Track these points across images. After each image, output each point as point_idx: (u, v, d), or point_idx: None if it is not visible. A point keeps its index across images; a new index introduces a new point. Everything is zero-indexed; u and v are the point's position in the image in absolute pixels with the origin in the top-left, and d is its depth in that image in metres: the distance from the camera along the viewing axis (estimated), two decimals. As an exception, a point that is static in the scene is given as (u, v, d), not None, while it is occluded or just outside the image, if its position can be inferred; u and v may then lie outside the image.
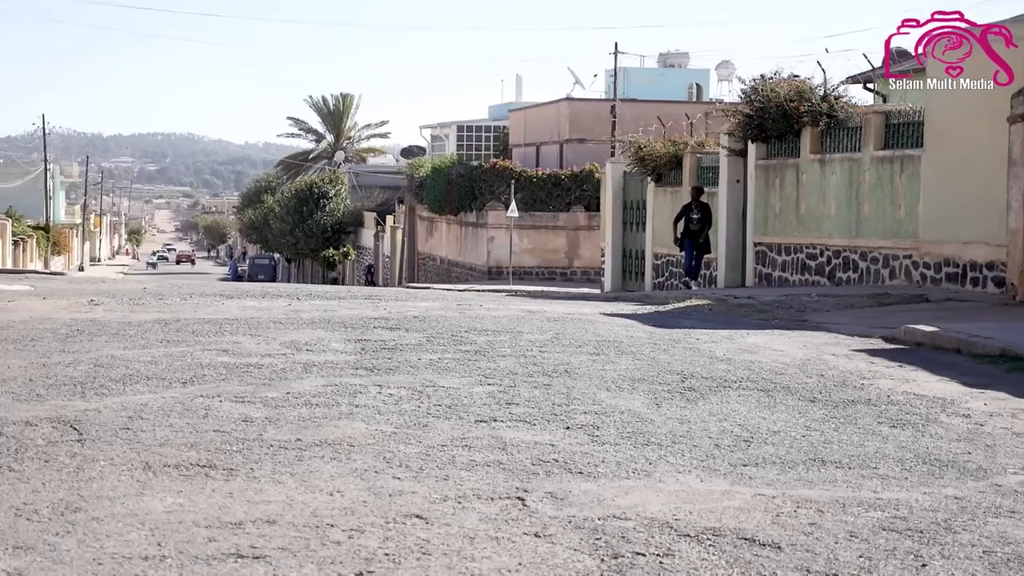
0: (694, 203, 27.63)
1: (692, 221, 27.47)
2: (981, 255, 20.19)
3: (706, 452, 7.90)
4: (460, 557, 5.60)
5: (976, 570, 5.64)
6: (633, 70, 63.14)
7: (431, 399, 9.48)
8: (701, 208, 27.56)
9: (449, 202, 49.94)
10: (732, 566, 5.59)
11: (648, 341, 13.52)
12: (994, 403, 10.06)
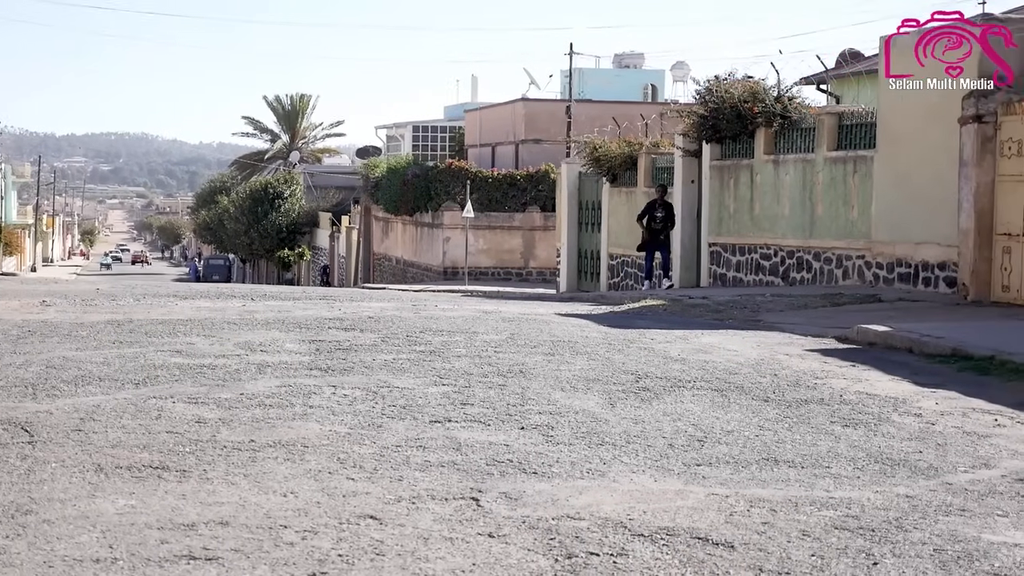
0: (659, 201, 27.59)
1: (655, 220, 27.34)
2: (933, 255, 20.34)
3: (660, 452, 7.92)
4: (414, 557, 5.60)
5: (927, 568, 5.68)
6: (588, 71, 63.24)
7: (386, 400, 9.47)
8: (665, 207, 27.52)
9: (405, 202, 49.86)
10: (685, 565, 5.61)
11: (603, 341, 13.55)
12: (945, 402, 10.14)
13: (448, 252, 46.61)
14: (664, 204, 27.55)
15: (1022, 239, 17.95)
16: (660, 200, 27.54)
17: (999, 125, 18.45)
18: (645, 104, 52.01)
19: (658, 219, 27.27)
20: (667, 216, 27.44)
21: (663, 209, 27.41)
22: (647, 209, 27.60)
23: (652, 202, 27.74)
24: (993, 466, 7.82)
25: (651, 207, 27.54)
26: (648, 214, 27.45)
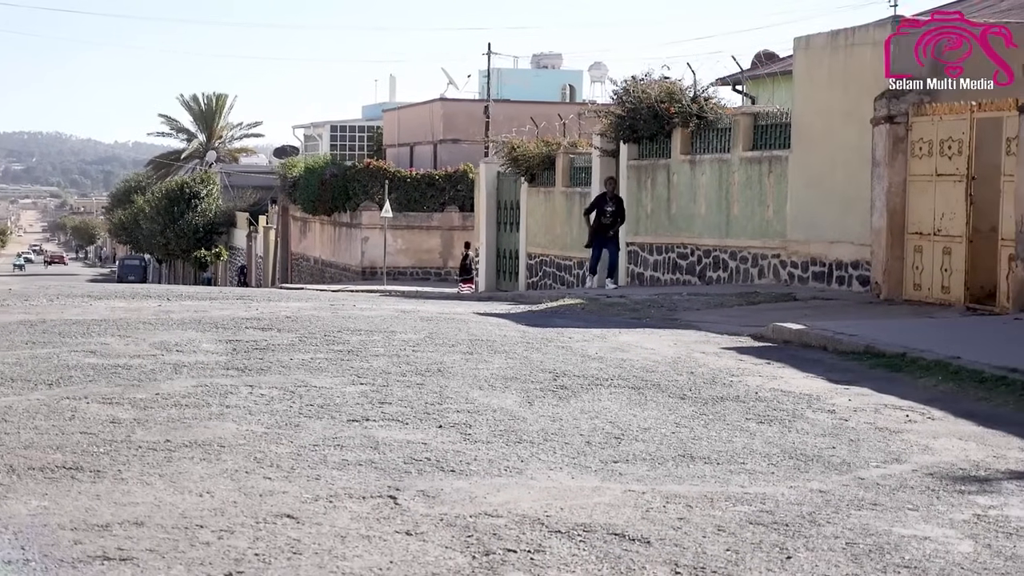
0: (608, 195, 25.99)
1: (605, 214, 25.72)
2: (846, 254, 20.59)
3: (577, 449, 7.96)
4: (331, 556, 5.59)
5: (839, 561, 5.76)
6: (507, 71, 63.28)
7: (303, 399, 9.43)
8: (616, 201, 25.98)
9: (323, 202, 49.61)
10: (602, 561, 5.65)
11: (521, 340, 13.58)
12: (858, 399, 10.28)
13: (367, 252, 46.45)
14: (614, 198, 26.04)
15: (933, 238, 18.22)
16: (611, 194, 26.02)
17: (911, 126, 18.72)
18: (563, 104, 52.15)
19: (608, 214, 25.74)
20: (617, 211, 25.84)
21: (613, 203, 25.87)
22: (596, 203, 26.12)
23: (601, 195, 26.25)
24: (904, 461, 7.95)
25: (600, 201, 26.01)
26: (597, 208, 25.98)
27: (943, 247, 18.03)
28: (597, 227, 25.81)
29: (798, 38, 21.97)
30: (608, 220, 25.69)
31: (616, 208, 25.74)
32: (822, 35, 21.31)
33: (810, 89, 21.55)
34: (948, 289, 17.93)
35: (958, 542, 6.13)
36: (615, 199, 25.96)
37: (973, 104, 17.47)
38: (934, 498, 6.97)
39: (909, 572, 5.64)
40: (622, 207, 25.99)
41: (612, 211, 25.68)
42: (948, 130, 17.97)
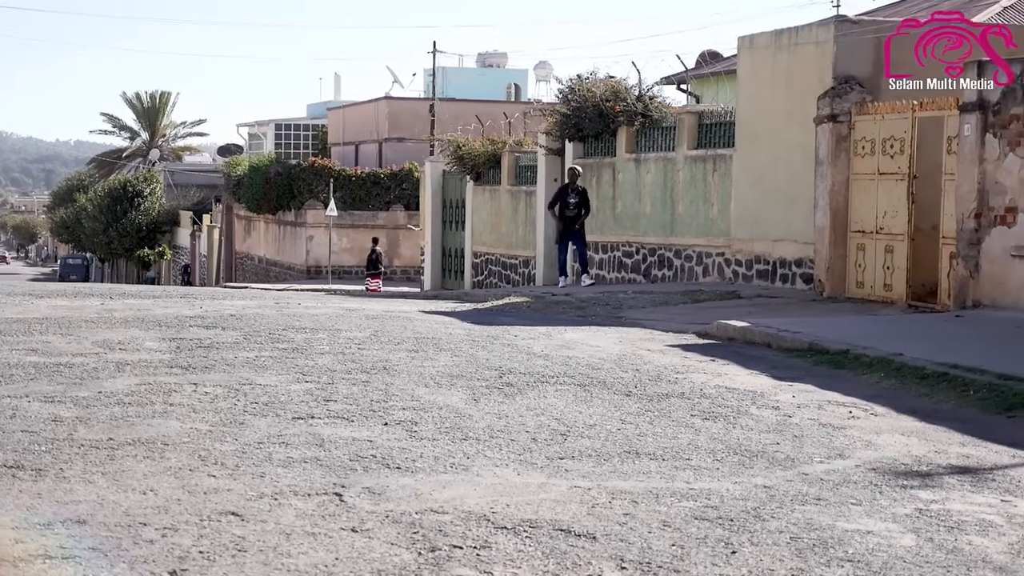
0: (570, 187, 24.72)
1: (568, 207, 24.57)
2: (790, 252, 20.71)
3: (523, 446, 7.96)
4: (276, 553, 5.56)
5: (784, 556, 5.80)
6: (452, 70, 63.21)
7: (248, 397, 9.39)
8: (578, 192, 24.72)
9: (267, 201, 49.36)
10: (548, 557, 5.66)
11: (467, 338, 13.58)
12: (802, 395, 10.34)
13: (311, 251, 46.27)
14: (577, 189, 24.77)
15: (876, 236, 18.37)
16: (572, 185, 24.73)
17: (853, 125, 18.86)
18: (508, 103, 52.15)
19: (571, 206, 24.53)
20: (581, 202, 24.63)
21: (576, 195, 24.64)
22: (558, 196, 24.98)
23: (563, 188, 25.08)
24: (848, 456, 8.01)
25: (562, 193, 24.88)
26: (559, 201, 24.78)
27: (885, 245, 18.18)
28: (560, 221, 24.76)
29: (742, 37, 22.09)
30: (572, 212, 24.59)
31: (579, 199, 24.67)
32: (766, 34, 21.43)
33: (754, 88, 21.66)
34: (890, 287, 18.08)
35: (900, 536, 6.18)
36: (578, 190, 24.80)
37: (915, 103, 17.63)
38: (877, 493, 7.03)
39: (852, 566, 5.68)
40: (586, 198, 24.90)
41: (575, 203, 24.60)
42: (890, 129, 18.13)
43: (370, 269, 38.20)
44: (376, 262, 38.29)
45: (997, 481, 7.42)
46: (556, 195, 25.09)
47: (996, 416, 9.62)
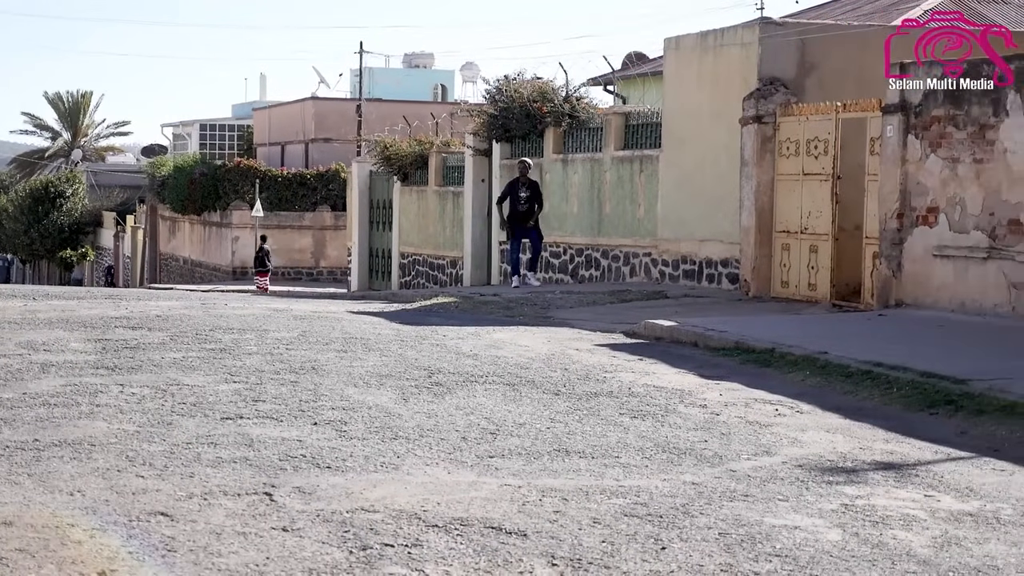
0: (521, 179, 23.31)
1: (520, 201, 23.15)
2: (716, 252, 20.87)
3: (453, 445, 7.98)
4: (207, 553, 5.54)
5: (713, 551, 5.85)
6: (379, 70, 63.07)
7: (175, 397, 9.33)
8: (530, 185, 23.32)
9: (192, 201, 49.00)
10: (479, 554, 5.68)
11: (395, 338, 13.56)
12: (729, 393, 10.43)
13: (237, 252, 45.99)
14: (528, 183, 23.37)
15: (800, 236, 18.54)
16: (523, 178, 23.33)
17: (778, 126, 19.03)
18: (435, 104, 52.11)
19: (522, 200, 23.12)
20: (532, 196, 23.24)
21: (528, 188, 23.22)
22: (508, 190, 23.53)
23: (514, 181, 23.61)
24: (774, 453, 8.09)
25: (513, 187, 23.41)
26: (509, 196, 23.37)
27: (810, 245, 18.36)
28: (513, 217, 23.26)
29: (668, 39, 22.22)
30: (524, 207, 23.15)
31: (531, 193, 23.25)
32: (692, 36, 21.57)
33: (680, 89, 21.80)
34: (815, 286, 18.26)
35: (827, 531, 6.26)
36: (529, 183, 23.38)
37: (838, 104, 17.83)
38: (803, 489, 7.11)
39: (780, 560, 5.75)
40: (538, 191, 23.55)
41: (527, 196, 23.18)
42: (814, 130, 18.31)
43: (258, 267, 37.97)
44: (263, 259, 38.09)
45: (920, 477, 7.53)
46: (506, 190, 23.72)
47: (919, 413, 9.76)
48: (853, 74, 18.86)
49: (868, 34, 20.06)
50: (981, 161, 15.05)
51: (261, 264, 37.99)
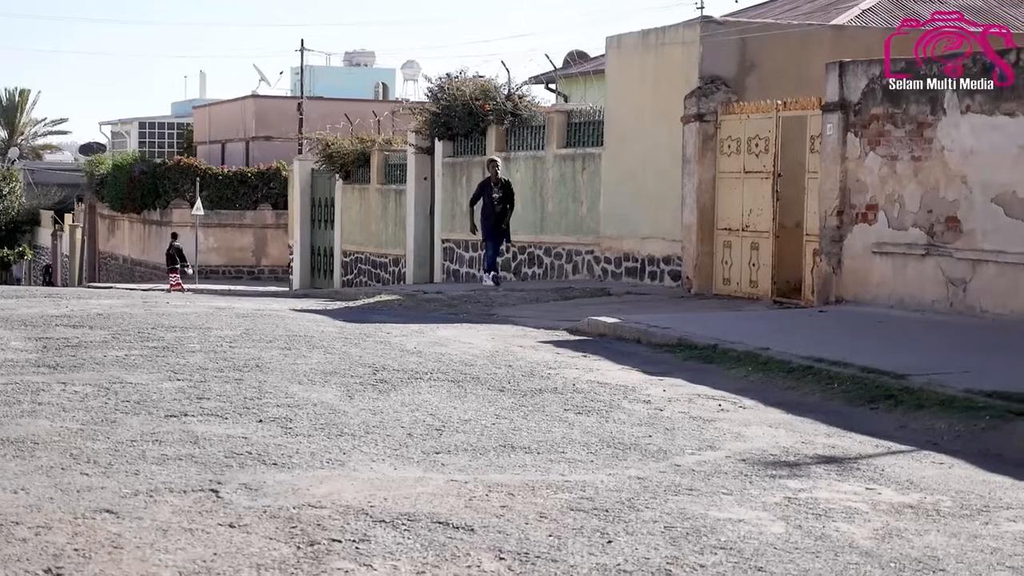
0: (492, 180, 22.45)
1: (494, 202, 22.35)
2: (658, 250, 20.98)
3: (399, 441, 7.99)
4: (153, 549, 5.52)
5: (658, 544, 5.90)
6: (319, 68, 62.87)
7: (119, 395, 9.28)
8: (503, 185, 22.54)
9: (131, 200, 48.64)
10: (427, 549, 5.69)
11: (339, 335, 13.55)
12: (672, 389, 10.50)
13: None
14: (500, 182, 22.57)
15: (742, 234, 18.68)
16: (495, 178, 22.49)
17: (719, 124, 19.17)
18: (377, 102, 52.01)
19: (496, 200, 22.36)
20: (505, 196, 22.49)
21: (500, 188, 22.44)
22: (480, 191, 22.69)
23: (485, 181, 22.73)
24: (718, 448, 8.16)
25: (485, 188, 22.57)
26: (482, 196, 22.56)
27: (751, 242, 18.51)
28: (488, 218, 22.50)
29: (610, 37, 22.31)
30: (498, 208, 22.42)
31: (504, 193, 22.47)
32: (633, 35, 21.67)
33: (622, 88, 21.90)
34: (756, 283, 18.40)
35: (771, 523, 6.32)
36: (501, 183, 22.59)
37: (779, 103, 17.98)
38: (747, 483, 7.18)
39: (725, 553, 5.80)
40: (511, 191, 22.75)
41: (500, 197, 22.41)
42: (755, 128, 18.45)
43: (169, 264, 37.71)
44: (175, 257, 37.84)
45: (862, 470, 7.62)
46: (478, 190, 22.85)
47: (860, 408, 9.86)
48: (793, 73, 19.02)
49: (807, 33, 20.27)
50: (919, 159, 15.23)
51: (172, 262, 37.63)
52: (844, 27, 22.69)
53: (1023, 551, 6.00)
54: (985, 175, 14.34)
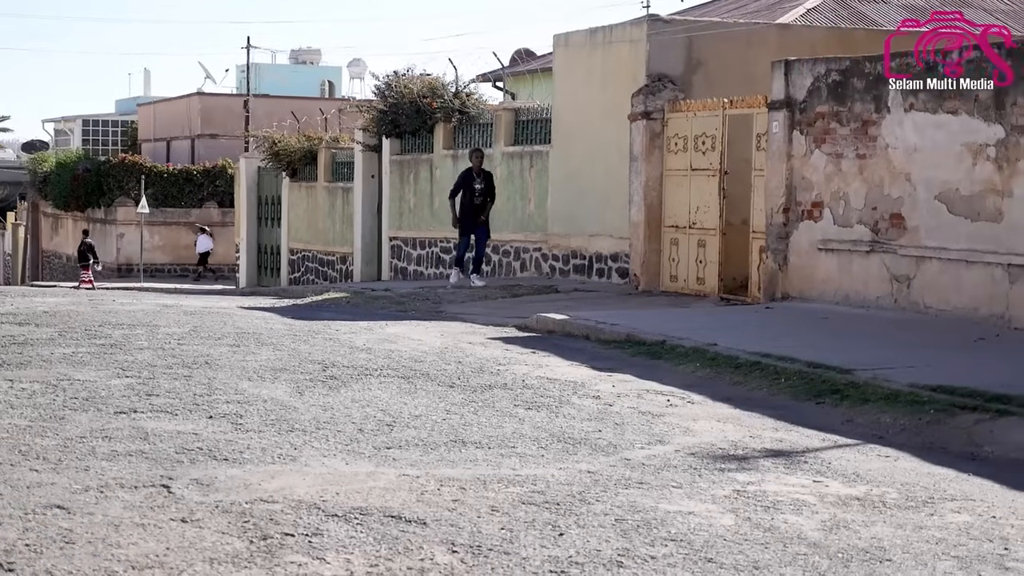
0: (475, 170, 21.51)
1: (475, 193, 21.35)
2: (606, 247, 21.05)
3: (350, 437, 8.00)
4: (105, 544, 5.52)
5: (609, 536, 5.95)
6: (265, 66, 62.66)
7: (67, 392, 9.23)
8: (485, 177, 21.61)
9: (75, 198, 48.31)
10: (380, 543, 5.72)
11: (288, 332, 13.53)
12: (621, 385, 10.57)
13: (123, 248, 45.46)
14: (483, 174, 21.63)
15: (689, 231, 18.78)
16: (477, 169, 21.54)
17: (666, 122, 19.26)
18: (324, 100, 51.90)
19: (478, 192, 21.33)
20: (487, 188, 21.50)
21: (483, 180, 21.49)
22: (462, 181, 21.59)
23: (467, 172, 21.68)
24: (667, 442, 8.22)
25: (467, 178, 21.51)
26: (463, 187, 21.47)
27: (698, 240, 18.61)
28: (466, 210, 21.45)
29: (558, 35, 22.37)
30: (479, 200, 21.36)
31: (486, 185, 21.51)
32: (581, 33, 21.74)
33: (570, 85, 21.96)
34: (703, 280, 18.51)
35: (720, 516, 6.39)
36: (484, 174, 21.67)
37: (725, 101, 18.09)
38: (696, 476, 7.25)
39: (675, 545, 5.86)
40: (492, 183, 21.79)
41: (482, 188, 21.42)
42: (702, 126, 18.56)
43: (81, 261, 37.40)
44: (86, 254, 37.56)
45: (809, 463, 7.71)
46: (459, 181, 21.75)
47: (806, 402, 9.98)
48: (739, 71, 19.13)
49: (753, 32, 20.41)
50: (864, 156, 15.37)
51: (84, 259, 37.29)
52: (789, 26, 22.85)
53: (967, 541, 6.10)
54: (929, 173, 14.50)
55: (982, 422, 8.87)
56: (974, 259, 13.80)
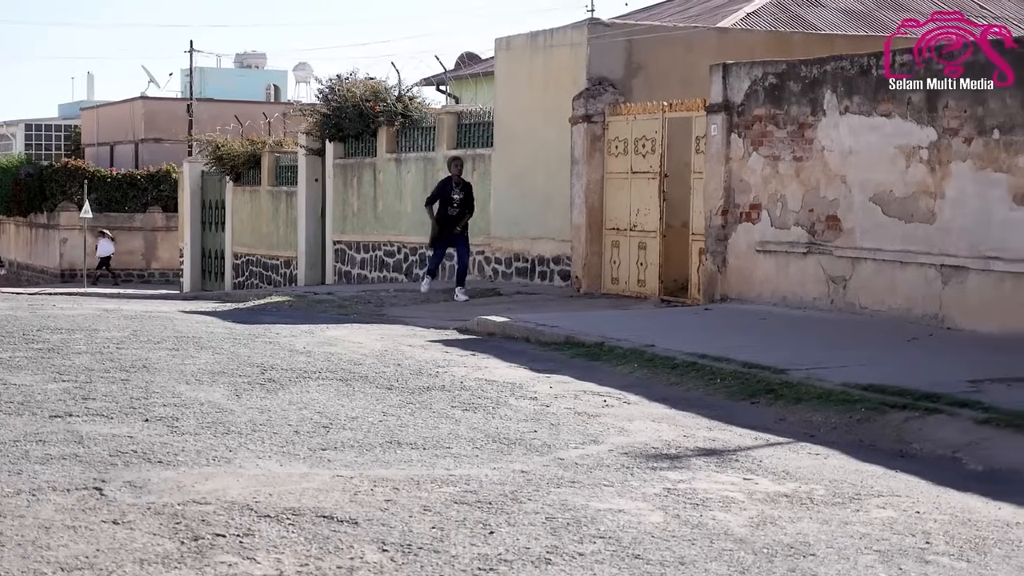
0: (455, 180, 20.47)
1: (452, 203, 20.35)
2: (548, 250, 21.14)
3: (286, 439, 8.04)
4: (36, 547, 5.54)
5: (539, 534, 6.03)
6: (210, 70, 62.41)
7: (2, 396, 9.22)
8: (464, 187, 20.58)
9: (17, 203, 47.96)
10: (311, 542, 5.77)
11: (228, 336, 13.53)
12: (559, 386, 10.65)
13: (65, 254, 45.14)
14: (462, 184, 20.62)
15: (629, 234, 18.91)
16: (456, 178, 20.54)
17: (607, 125, 19.39)
18: (268, 104, 51.79)
19: (455, 202, 20.36)
20: (465, 199, 20.47)
21: (461, 190, 20.49)
22: (439, 190, 20.61)
23: (446, 181, 20.74)
24: (601, 442, 8.31)
25: (445, 187, 20.53)
26: (440, 196, 20.53)
27: (639, 242, 18.74)
28: (442, 220, 20.48)
29: (499, 39, 22.45)
30: (455, 211, 20.37)
31: (464, 196, 20.48)
32: (522, 36, 21.83)
33: (512, 89, 22.04)
34: (644, 282, 18.64)
35: (650, 513, 6.48)
36: (462, 184, 20.66)
37: (665, 104, 18.23)
38: (628, 475, 7.33)
39: (604, 542, 5.94)
40: (471, 194, 20.72)
41: (460, 199, 20.40)
42: (642, 129, 18.69)
43: None
44: None
45: (740, 461, 7.81)
46: (437, 189, 20.80)
47: (741, 402, 10.09)
48: (678, 74, 19.29)
49: (693, 35, 20.57)
50: (800, 159, 15.53)
51: None
52: (728, 30, 23.01)
53: (890, 536, 6.21)
54: (864, 175, 14.67)
55: (911, 420, 9.01)
56: (908, 260, 13.99)
